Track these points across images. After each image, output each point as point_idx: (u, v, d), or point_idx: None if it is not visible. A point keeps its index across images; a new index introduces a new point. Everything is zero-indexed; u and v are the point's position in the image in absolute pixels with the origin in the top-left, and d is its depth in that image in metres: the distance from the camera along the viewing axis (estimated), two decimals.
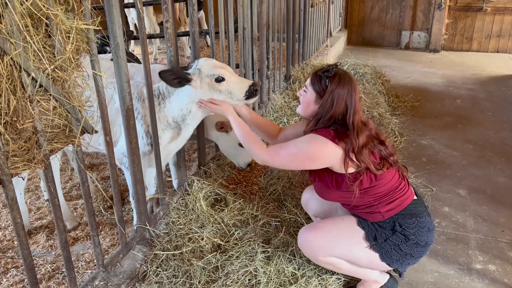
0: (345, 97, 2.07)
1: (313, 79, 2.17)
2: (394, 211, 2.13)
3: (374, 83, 5.39)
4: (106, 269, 2.20)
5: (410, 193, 2.21)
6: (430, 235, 2.17)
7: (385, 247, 2.12)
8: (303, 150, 2.08)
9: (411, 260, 2.18)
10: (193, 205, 2.78)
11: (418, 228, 2.11)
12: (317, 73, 2.17)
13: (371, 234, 2.14)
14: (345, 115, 2.08)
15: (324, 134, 2.05)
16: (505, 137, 4.55)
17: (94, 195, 3.42)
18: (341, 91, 2.07)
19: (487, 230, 3.00)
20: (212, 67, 2.42)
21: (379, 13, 8.91)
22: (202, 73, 2.41)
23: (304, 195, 2.64)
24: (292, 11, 5.20)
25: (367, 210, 2.16)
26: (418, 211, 2.16)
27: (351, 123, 2.07)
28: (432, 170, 3.83)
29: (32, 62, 1.50)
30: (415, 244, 2.12)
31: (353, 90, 2.10)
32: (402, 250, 2.12)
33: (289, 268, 2.38)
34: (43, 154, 1.65)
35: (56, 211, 1.84)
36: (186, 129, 2.60)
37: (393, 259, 2.14)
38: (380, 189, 2.11)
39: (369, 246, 2.13)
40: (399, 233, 2.11)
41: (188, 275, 2.36)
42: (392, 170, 2.15)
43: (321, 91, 2.12)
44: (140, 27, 2.23)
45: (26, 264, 1.72)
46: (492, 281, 2.54)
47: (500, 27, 8.25)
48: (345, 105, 2.08)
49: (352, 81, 2.12)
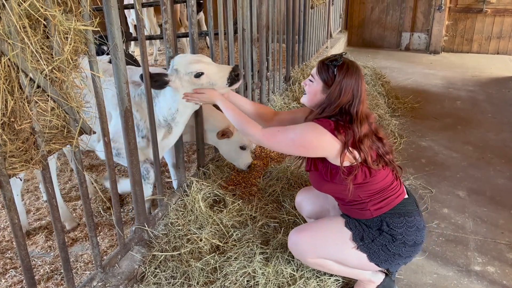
0: (352, 86, 2.05)
1: (320, 68, 2.13)
2: (383, 209, 2.13)
3: (374, 84, 5.40)
4: (104, 270, 2.20)
5: (401, 192, 2.20)
6: (419, 235, 2.16)
7: (373, 247, 2.12)
8: (301, 137, 2.06)
9: (400, 260, 2.18)
10: (191, 206, 2.78)
11: (406, 227, 2.11)
12: (324, 62, 2.12)
13: (358, 235, 2.14)
14: (350, 104, 2.07)
15: (324, 125, 2.03)
16: (505, 139, 4.54)
17: (93, 196, 3.43)
18: (349, 80, 2.05)
19: (486, 231, 2.99)
20: (188, 63, 2.41)
21: (379, 15, 8.91)
22: (180, 73, 2.41)
23: (298, 197, 2.64)
24: (292, 12, 5.20)
25: (358, 207, 2.16)
26: (407, 210, 2.15)
27: (355, 113, 2.05)
28: (431, 172, 3.83)
29: (30, 63, 1.50)
30: (402, 244, 2.11)
31: (360, 79, 2.09)
32: (389, 250, 2.11)
33: (287, 269, 2.38)
34: (41, 155, 1.65)
35: (54, 212, 1.84)
36: (176, 127, 2.63)
37: (381, 259, 2.14)
38: (373, 186, 2.11)
39: (357, 246, 2.13)
40: (386, 233, 2.11)
41: (186, 276, 2.36)
42: (386, 169, 2.15)
43: (328, 80, 2.08)
44: (139, 28, 2.24)
45: (24, 265, 1.72)
46: (491, 282, 2.53)
47: (500, 29, 8.25)
48: (352, 95, 2.06)
49: (359, 70, 2.10)
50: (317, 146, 2.05)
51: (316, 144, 2.05)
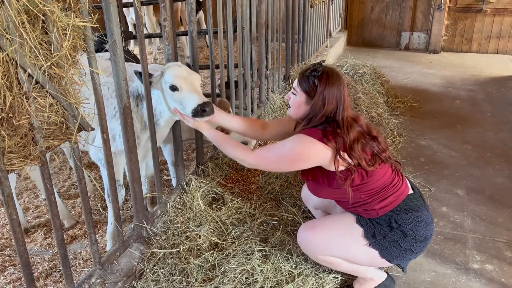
0: (335, 94, 2.06)
1: (300, 80, 2.14)
2: (389, 207, 2.12)
3: (373, 83, 5.39)
4: (103, 266, 2.20)
5: (404, 188, 2.19)
6: (429, 229, 2.16)
7: (384, 244, 2.11)
8: (291, 151, 2.06)
9: (412, 256, 2.17)
10: (190, 203, 2.78)
11: (415, 223, 2.11)
12: (304, 74, 2.13)
13: (369, 232, 2.13)
14: (335, 112, 2.08)
15: (311, 134, 2.04)
16: (504, 138, 4.55)
17: (93, 194, 3.43)
18: (331, 89, 2.06)
19: (484, 230, 3.00)
20: (175, 74, 2.37)
21: (379, 14, 8.92)
22: (163, 78, 2.39)
23: (304, 190, 2.65)
24: (292, 11, 5.20)
25: (362, 208, 2.15)
26: (414, 205, 2.15)
27: (340, 119, 2.07)
28: (430, 170, 3.83)
29: (29, 58, 1.50)
30: (414, 239, 2.11)
31: (342, 86, 2.09)
32: (401, 246, 2.11)
33: (286, 266, 2.38)
34: (40, 150, 1.66)
35: (52, 208, 1.84)
36: (161, 129, 2.58)
37: (393, 255, 2.13)
38: (372, 185, 2.10)
39: (368, 243, 2.13)
40: (396, 229, 2.10)
41: (185, 273, 2.36)
42: (384, 166, 2.14)
43: (310, 91, 2.09)
44: (138, 25, 2.24)
45: (22, 261, 1.73)
46: (489, 280, 2.54)
47: (500, 28, 8.25)
48: (336, 102, 2.07)
49: (340, 78, 2.11)
50: (309, 157, 2.05)
51: (307, 156, 2.05)
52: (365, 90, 4.99)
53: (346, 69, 5.54)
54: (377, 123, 4.44)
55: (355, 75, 5.41)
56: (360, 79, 5.34)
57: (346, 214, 2.25)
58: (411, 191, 2.23)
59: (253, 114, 4.17)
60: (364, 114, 4.44)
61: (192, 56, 2.91)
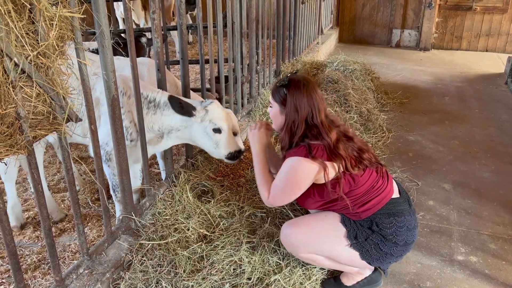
0: (305, 100, 2.14)
1: (273, 92, 2.28)
2: (371, 210, 2.16)
3: (363, 79, 5.43)
4: (91, 257, 2.21)
5: (388, 191, 2.21)
6: (410, 235, 2.18)
7: (365, 246, 2.15)
8: (287, 181, 2.15)
9: (392, 259, 2.21)
10: (179, 196, 2.79)
11: (396, 228, 2.14)
12: (275, 86, 2.28)
13: (352, 233, 2.17)
14: (312, 116, 2.15)
15: (297, 154, 2.10)
16: (491, 134, 4.61)
17: (82, 188, 3.43)
18: (299, 96, 2.15)
19: (470, 223, 3.05)
20: (219, 117, 2.57)
21: (370, 11, 8.97)
22: (207, 116, 2.55)
23: None
24: (283, 6, 5.22)
25: (346, 212, 2.20)
26: (397, 210, 2.18)
27: (320, 123, 2.14)
28: (418, 165, 3.88)
29: (15, 47, 1.50)
30: (394, 244, 2.15)
31: (312, 91, 2.17)
32: (381, 249, 2.15)
33: (273, 258, 2.41)
34: (26, 140, 1.66)
35: (39, 198, 1.84)
36: (168, 139, 2.70)
37: (373, 258, 2.17)
38: (357, 190, 2.15)
39: (350, 244, 2.16)
40: (377, 233, 2.14)
41: (173, 264, 2.38)
42: (368, 170, 2.18)
43: (282, 101, 2.20)
44: (127, 18, 2.24)
45: (8, 250, 1.73)
46: (473, 272, 2.58)
47: (489, 26, 8.34)
48: (308, 108, 2.14)
49: (309, 84, 2.19)
50: (304, 177, 2.11)
51: (302, 176, 2.11)
52: (355, 86, 5.03)
53: (336, 65, 5.57)
54: (366, 118, 4.47)
55: (346, 71, 5.44)
56: (350, 75, 5.37)
57: (330, 214, 2.28)
58: (397, 195, 2.26)
59: (243, 109, 4.18)
60: (354, 109, 4.47)
61: (181, 48, 2.92)
